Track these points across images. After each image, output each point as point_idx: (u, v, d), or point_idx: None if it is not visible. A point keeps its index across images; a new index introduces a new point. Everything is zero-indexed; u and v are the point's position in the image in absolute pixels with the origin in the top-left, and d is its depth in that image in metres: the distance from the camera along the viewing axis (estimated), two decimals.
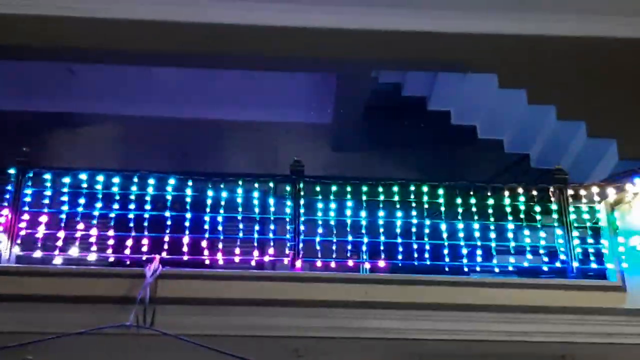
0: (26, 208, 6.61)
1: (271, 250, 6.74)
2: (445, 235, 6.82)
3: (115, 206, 6.72)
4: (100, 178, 6.79)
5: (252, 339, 6.34)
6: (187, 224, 6.68)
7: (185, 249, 6.59)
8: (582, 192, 7.06)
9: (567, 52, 8.29)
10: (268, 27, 8.21)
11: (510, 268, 6.82)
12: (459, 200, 6.95)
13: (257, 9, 8.17)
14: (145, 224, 6.66)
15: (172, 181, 6.83)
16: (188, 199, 6.79)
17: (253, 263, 6.72)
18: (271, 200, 6.87)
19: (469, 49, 8.23)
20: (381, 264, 6.71)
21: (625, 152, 7.84)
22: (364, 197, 6.90)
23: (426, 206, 6.92)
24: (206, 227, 6.69)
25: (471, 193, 6.97)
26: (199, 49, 8.25)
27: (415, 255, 6.71)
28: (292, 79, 9.17)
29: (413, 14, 8.17)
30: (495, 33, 8.25)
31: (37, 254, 6.49)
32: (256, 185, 6.91)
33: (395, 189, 6.95)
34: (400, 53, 8.24)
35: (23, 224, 6.56)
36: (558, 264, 6.78)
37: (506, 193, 7.00)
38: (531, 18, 8.29)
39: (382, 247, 6.74)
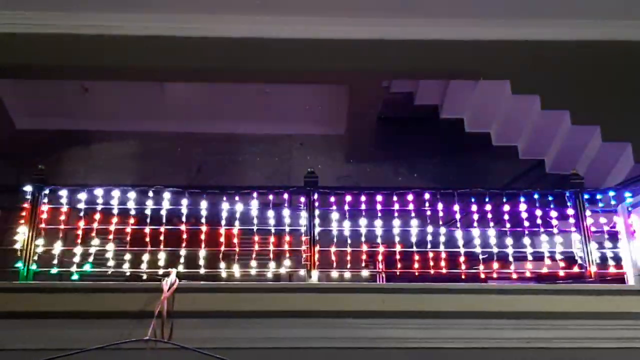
0: (42, 225, 6.65)
1: (287, 262, 6.74)
2: (461, 242, 6.79)
3: (131, 221, 6.75)
4: (115, 194, 6.83)
5: (270, 351, 6.33)
6: (202, 237, 6.70)
7: (201, 262, 6.61)
8: (599, 196, 7.03)
9: (580, 57, 8.28)
10: (279, 40, 8.25)
11: (528, 274, 6.78)
12: (474, 208, 6.93)
13: (268, 22, 8.22)
14: (162, 238, 6.68)
15: (187, 195, 6.85)
16: (203, 213, 6.80)
17: (269, 275, 6.73)
18: (286, 212, 6.88)
19: (481, 56, 8.23)
20: (397, 273, 6.69)
21: None
22: (379, 207, 6.90)
23: (441, 214, 6.90)
24: (222, 240, 6.70)
25: (486, 200, 6.96)
26: (212, 64, 8.31)
27: (432, 263, 6.69)
28: (304, 91, 9.19)
29: (423, 22, 8.18)
30: (507, 39, 8.25)
31: (54, 270, 6.53)
32: (271, 197, 6.92)
33: (410, 197, 6.94)
34: (411, 62, 8.26)
35: (40, 241, 6.60)
36: (576, 269, 6.74)
37: (522, 199, 6.98)
38: (543, 24, 8.28)
39: (397, 256, 6.72)
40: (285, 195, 6.94)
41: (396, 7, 8.14)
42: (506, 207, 6.94)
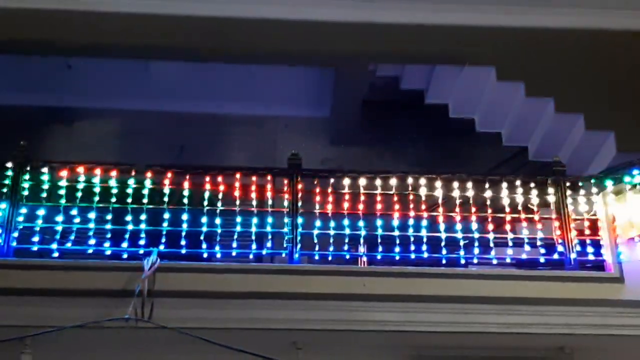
0: (24, 201, 6.61)
1: (269, 243, 6.74)
2: (442, 227, 6.81)
3: (113, 200, 6.72)
4: (97, 172, 6.79)
5: (250, 332, 6.35)
6: (184, 217, 6.68)
7: (183, 242, 6.60)
8: (580, 184, 7.07)
9: (565, 45, 8.29)
10: (266, 21, 8.20)
11: (508, 260, 6.82)
12: (456, 193, 6.95)
13: (255, 2, 8.16)
14: (143, 217, 6.65)
15: (169, 175, 6.82)
16: (186, 192, 6.78)
17: (251, 256, 6.72)
18: (269, 194, 6.87)
19: (467, 41, 8.22)
20: (379, 256, 6.71)
21: (622, 144, 7.84)
22: (362, 190, 6.90)
23: (424, 198, 6.92)
24: (204, 220, 6.69)
25: (469, 185, 6.98)
26: (197, 43, 8.25)
27: (413, 247, 6.71)
28: (290, 73, 9.15)
29: (410, 6, 8.16)
30: (493, 26, 8.25)
31: (35, 247, 6.50)
32: (254, 178, 6.90)
33: (393, 181, 6.95)
34: (398, 46, 8.24)
35: (21, 218, 6.56)
36: (556, 256, 6.78)
37: (504, 185, 7.00)
38: (529, 11, 8.30)
39: (379, 240, 6.73)
40: (269, 177, 6.92)
41: None
42: (488, 193, 6.96)
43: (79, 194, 6.71)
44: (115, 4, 8.09)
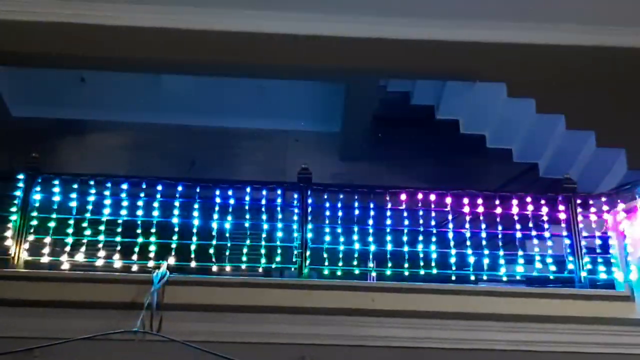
0: (34, 213, 6.64)
1: (278, 258, 6.74)
2: (452, 243, 6.80)
3: (123, 212, 6.74)
4: (108, 184, 6.81)
5: (259, 346, 6.34)
6: (194, 230, 6.69)
7: (192, 255, 6.61)
8: (591, 201, 7.05)
9: (576, 62, 8.28)
10: (277, 36, 8.24)
11: (518, 277, 6.79)
12: (466, 209, 6.94)
13: (267, 17, 8.21)
14: (153, 230, 6.67)
15: (180, 188, 6.85)
16: (196, 206, 6.80)
17: (260, 270, 6.72)
18: (279, 208, 6.88)
19: (478, 58, 8.23)
20: (388, 272, 6.69)
21: (634, 161, 7.82)
22: (371, 205, 6.90)
23: (433, 214, 6.91)
24: (214, 233, 6.70)
25: (479, 202, 6.97)
26: (209, 58, 8.29)
27: (422, 263, 6.70)
28: (301, 88, 9.18)
29: (422, 22, 8.18)
30: (504, 42, 8.26)
31: (45, 259, 6.53)
32: (264, 192, 6.92)
33: (403, 197, 6.95)
34: (409, 62, 8.25)
35: (31, 229, 6.58)
36: (566, 274, 6.76)
37: (514, 202, 6.99)
38: (540, 27, 8.29)
39: (389, 255, 6.72)
40: (279, 191, 6.93)
41: (395, 7, 8.14)
42: (498, 210, 6.95)
43: (90, 207, 6.75)
44: (128, 18, 8.15)
